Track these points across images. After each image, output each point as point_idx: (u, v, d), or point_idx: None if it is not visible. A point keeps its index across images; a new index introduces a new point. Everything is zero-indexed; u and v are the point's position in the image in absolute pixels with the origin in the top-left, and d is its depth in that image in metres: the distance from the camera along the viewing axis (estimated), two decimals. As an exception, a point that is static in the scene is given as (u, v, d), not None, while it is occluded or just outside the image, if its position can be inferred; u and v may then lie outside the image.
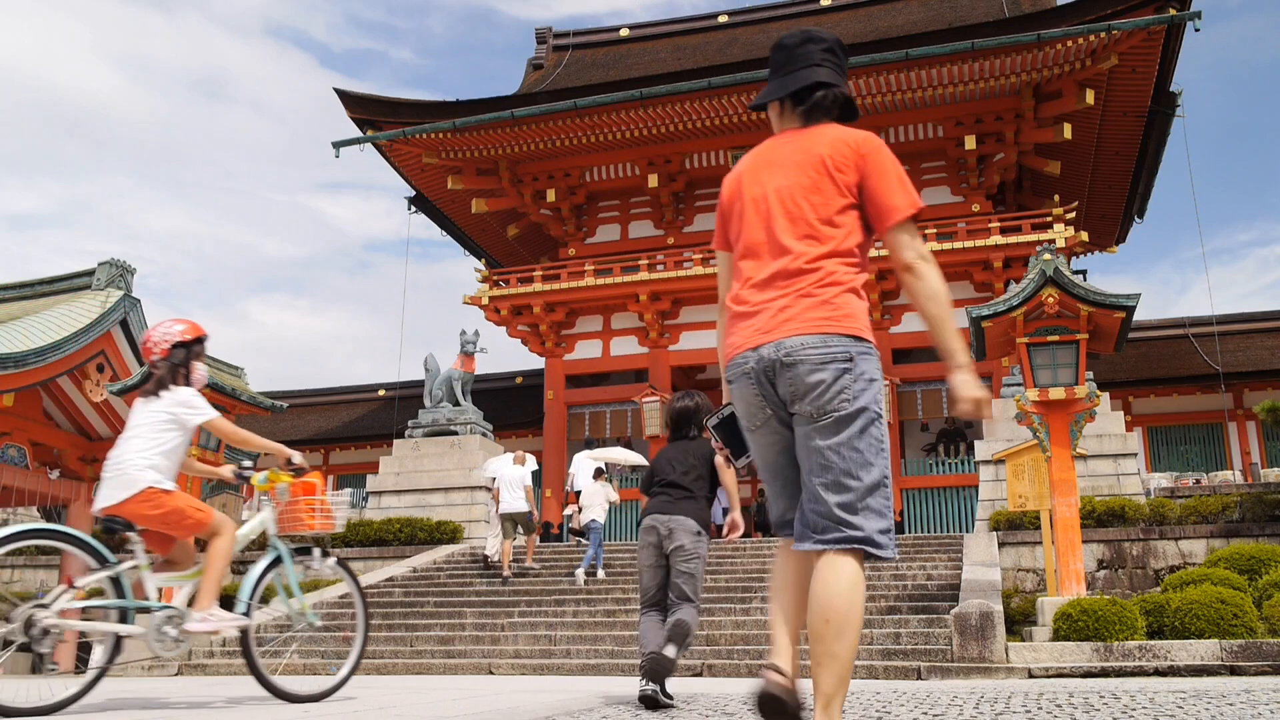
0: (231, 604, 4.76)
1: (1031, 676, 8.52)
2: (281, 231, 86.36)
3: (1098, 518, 13.78)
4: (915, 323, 21.06)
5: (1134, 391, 23.94)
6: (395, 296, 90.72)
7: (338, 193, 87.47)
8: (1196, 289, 78.07)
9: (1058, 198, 21.26)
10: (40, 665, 10.53)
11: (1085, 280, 11.61)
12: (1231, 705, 4.04)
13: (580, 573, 13.83)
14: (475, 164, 23.71)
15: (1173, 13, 18.28)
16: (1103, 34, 18.41)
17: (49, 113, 77.94)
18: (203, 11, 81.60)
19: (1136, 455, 16.01)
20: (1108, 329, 11.32)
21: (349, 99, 23.14)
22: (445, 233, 27.14)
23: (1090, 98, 19.75)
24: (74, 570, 4.38)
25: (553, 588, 13.71)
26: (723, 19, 27.03)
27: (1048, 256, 11.21)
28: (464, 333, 20.00)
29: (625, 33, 27.66)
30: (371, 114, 23.03)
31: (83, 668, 4.59)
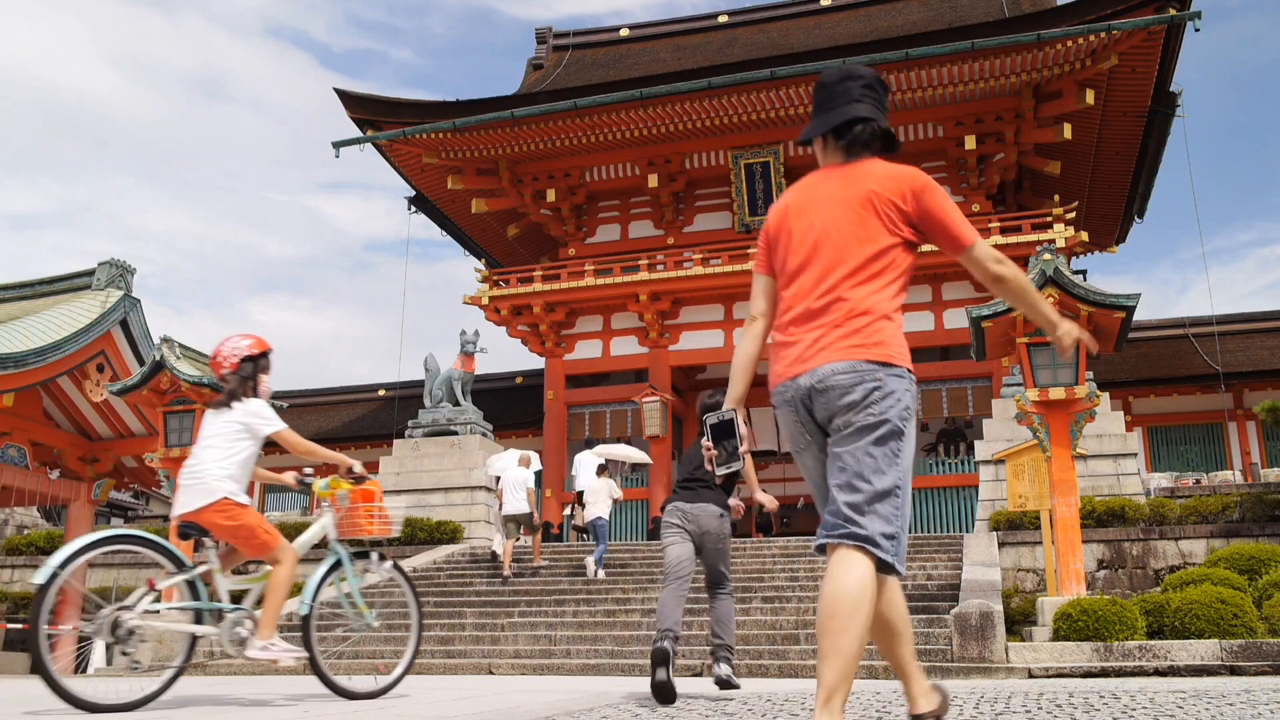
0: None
1: (1031, 676, 8.52)
2: (282, 231, 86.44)
3: (1098, 518, 13.77)
4: (915, 323, 21.07)
5: (1134, 391, 23.93)
6: (395, 296, 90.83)
7: (338, 193, 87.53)
8: (1196, 289, 78.18)
9: (1058, 198, 21.25)
10: (83, 664, 10.79)
11: (1085, 280, 11.62)
12: (1231, 705, 4.04)
13: (591, 561, 13.86)
14: (475, 164, 23.71)
15: (1173, 13, 18.28)
16: (1103, 34, 18.41)
17: (49, 113, 77.99)
18: (203, 11, 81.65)
19: (1136, 455, 16.00)
20: (1108, 329, 11.32)
21: (349, 99, 23.14)
22: (445, 233, 27.14)
23: (1090, 98, 19.75)
24: (154, 575, 4.61)
25: (553, 588, 13.70)
26: (723, 19, 27.03)
27: (1048, 256, 11.22)
28: (464, 333, 19.98)
29: (625, 33, 27.67)
30: (371, 114, 23.03)
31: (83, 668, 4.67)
